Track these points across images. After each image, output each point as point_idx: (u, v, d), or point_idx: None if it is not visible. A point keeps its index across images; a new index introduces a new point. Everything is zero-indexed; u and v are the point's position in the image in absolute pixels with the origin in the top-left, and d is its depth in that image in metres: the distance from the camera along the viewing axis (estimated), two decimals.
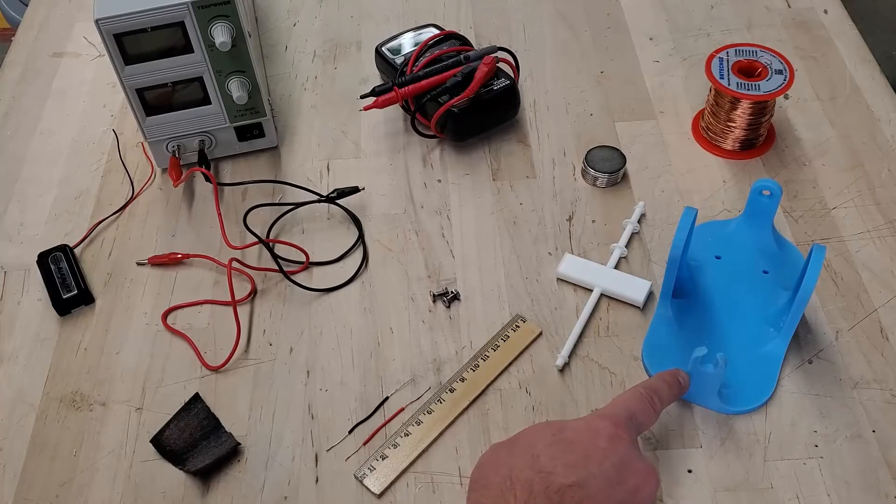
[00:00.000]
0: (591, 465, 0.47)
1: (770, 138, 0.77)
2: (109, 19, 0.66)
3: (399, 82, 0.77)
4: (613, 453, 0.48)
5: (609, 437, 0.48)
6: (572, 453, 0.47)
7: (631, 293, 0.65)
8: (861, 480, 0.55)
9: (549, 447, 0.48)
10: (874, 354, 0.61)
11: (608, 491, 0.46)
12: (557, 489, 0.45)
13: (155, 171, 0.78)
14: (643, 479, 0.48)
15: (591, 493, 0.46)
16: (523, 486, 0.46)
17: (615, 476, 0.47)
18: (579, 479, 0.46)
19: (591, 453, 0.47)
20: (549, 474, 0.46)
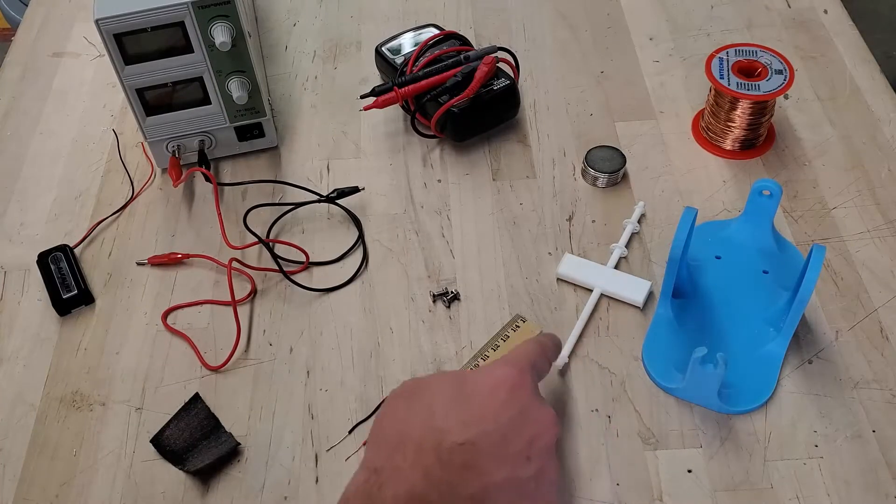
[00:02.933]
0: (487, 422, 0.47)
1: (770, 138, 0.77)
2: (109, 19, 0.66)
3: (399, 82, 0.77)
4: (513, 405, 0.48)
5: (511, 387, 0.49)
6: (469, 409, 0.47)
7: (631, 293, 0.65)
8: (861, 480, 0.55)
9: (447, 403, 0.48)
10: (874, 354, 0.61)
11: (502, 446, 0.46)
12: (448, 447, 0.45)
13: (155, 171, 0.78)
14: (542, 429, 0.48)
15: (482, 451, 0.46)
16: (415, 443, 0.46)
17: (511, 430, 0.47)
18: (471, 437, 0.46)
19: (488, 408, 0.48)
20: (441, 432, 0.46)
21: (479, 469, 0.46)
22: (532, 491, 0.47)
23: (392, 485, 0.44)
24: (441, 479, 0.45)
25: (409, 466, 0.45)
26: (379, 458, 0.47)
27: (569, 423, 0.59)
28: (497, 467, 0.46)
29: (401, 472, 0.45)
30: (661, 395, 0.60)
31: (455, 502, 0.45)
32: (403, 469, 0.45)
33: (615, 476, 0.56)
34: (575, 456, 0.57)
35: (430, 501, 0.44)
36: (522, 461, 0.47)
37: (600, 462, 0.57)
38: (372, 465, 0.46)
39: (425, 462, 0.45)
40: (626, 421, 0.59)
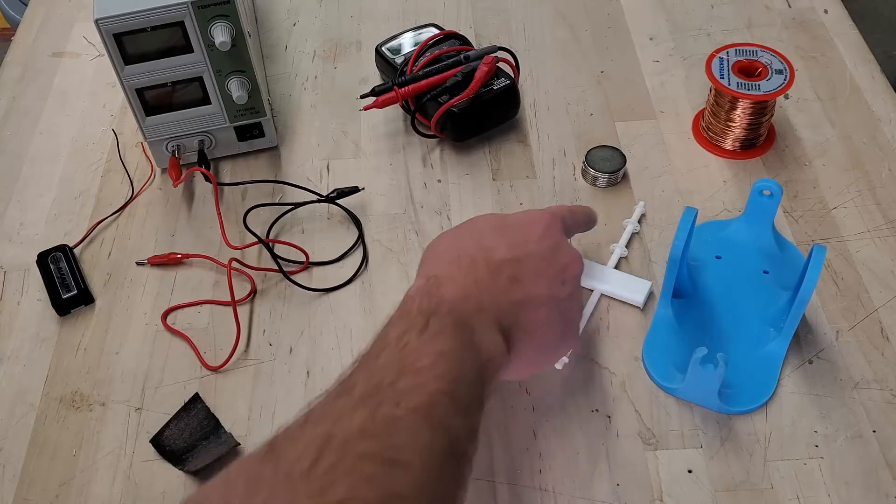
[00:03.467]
0: (529, 245, 0.54)
1: (770, 138, 0.77)
2: (109, 19, 0.66)
3: (399, 82, 0.77)
4: (548, 238, 0.55)
5: (546, 225, 0.55)
6: (512, 236, 0.54)
7: (631, 293, 0.65)
8: (861, 481, 0.55)
9: (492, 230, 0.54)
10: (874, 354, 0.61)
11: (541, 266, 0.53)
12: (497, 261, 0.52)
13: (155, 171, 0.78)
14: (571, 260, 0.55)
15: (526, 267, 0.52)
16: (468, 257, 0.52)
17: (548, 255, 0.54)
18: (517, 255, 0.53)
19: (529, 236, 0.54)
20: (490, 249, 0.52)
21: (523, 282, 0.52)
22: (566, 310, 0.54)
23: (448, 285, 0.49)
24: (490, 285, 0.51)
25: (462, 274, 0.51)
26: (435, 267, 0.52)
27: (569, 423, 0.59)
28: (538, 282, 0.52)
29: (455, 278, 0.50)
30: (661, 395, 0.60)
31: (502, 305, 0.50)
32: (457, 276, 0.50)
33: (615, 476, 0.56)
34: (575, 456, 0.57)
35: (480, 301, 0.49)
36: (558, 283, 0.54)
37: (600, 462, 0.57)
38: (430, 273, 0.51)
39: (477, 271, 0.51)
40: (627, 421, 0.59)
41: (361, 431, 0.39)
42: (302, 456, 0.38)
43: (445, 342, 0.45)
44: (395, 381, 0.42)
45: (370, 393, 0.41)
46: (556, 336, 0.54)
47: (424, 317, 0.46)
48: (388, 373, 0.42)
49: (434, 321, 0.46)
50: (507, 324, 0.50)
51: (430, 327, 0.46)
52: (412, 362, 0.43)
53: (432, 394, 0.42)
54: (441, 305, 0.48)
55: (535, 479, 0.56)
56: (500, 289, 0.51)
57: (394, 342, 0.45)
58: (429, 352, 0.44)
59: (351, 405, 0.41)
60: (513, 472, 0.57)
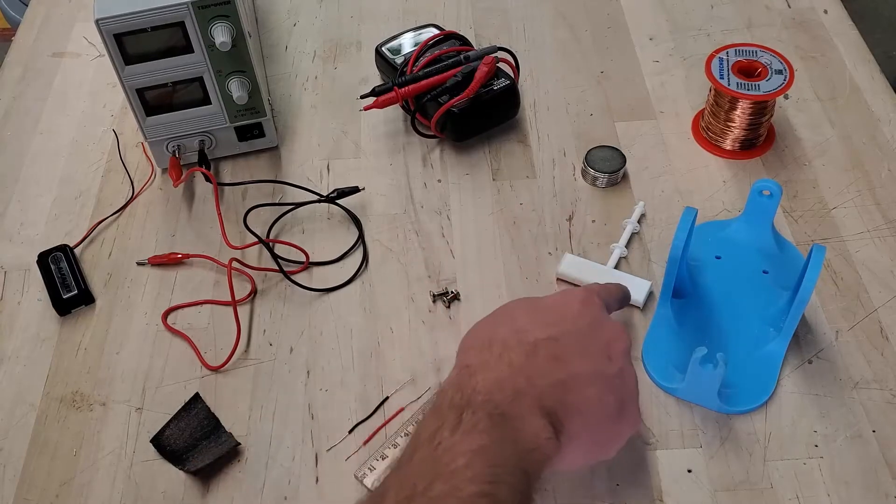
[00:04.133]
0: (566, 323, 0.51)
1: (770, 138, 0.77)
2: (109, 19, 0.66)
3: (399, 82, 0.77)
4: (587, 314, 0.52)
5: (582, 301, 0.53)
6: (548, 316, 0.51)
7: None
8: (861, 480, 0.55)
9: (526, 313, 0.52)
10: (874, 354, 0.61)
11: (582, 342, 0.50)
12: (533, 342, 0.49)
13: (155, 171, 0.78)
14: (616, 335, 0.52)
15: (566, 346, 0.49)
16: (501, 342, 0.49)
17: (588, 332, 0.51)
18: (553, 334, 0.50)
19: (566, 314, 0.52)
20: (525, 332, 0.50)
21: (564, 360, 0.48)
22: (618, 387, 0.50)
23: (481, 374, 0.47)
24: (527, 367, 0.47)
25: (495, 360, 0.48)
26: (468, 357, 0.50)
27: None
28: (582, 360, 0.49)
29: (488, 365, 0.48)
30: (661, 394, 0.60)
31: (542, 387, 0.47)
32: (490, 362, 0.48)
33: (615, 476, 0.56)
34: None
35: (516, 386, 0.46)
36: (604, 359, 0.50)
37: (600, 462, 0.57)
38: (463, 363, 0.49)
39: (511, 355, 0.48)
40: None
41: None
42: None
43: (480, 438, 0.42)
44: (429, 488, 0.40)
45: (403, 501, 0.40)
46: (611, 416, 0.50)
47: (457, 411, 0.44)
48: (422, 478, 0.40)
49: (467, 415, 0.43)
50: (551, 406, 0.46)
51: (464, 423, 0.43)
52: (446, 464, 0.41)
53: (471, 497, 0.40)
54: (474, 396, 0.45)
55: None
56: (539, 370, 0.47)
57: (426, 442, 0.43)
58: (463, 450, 0.41)
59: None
60: None
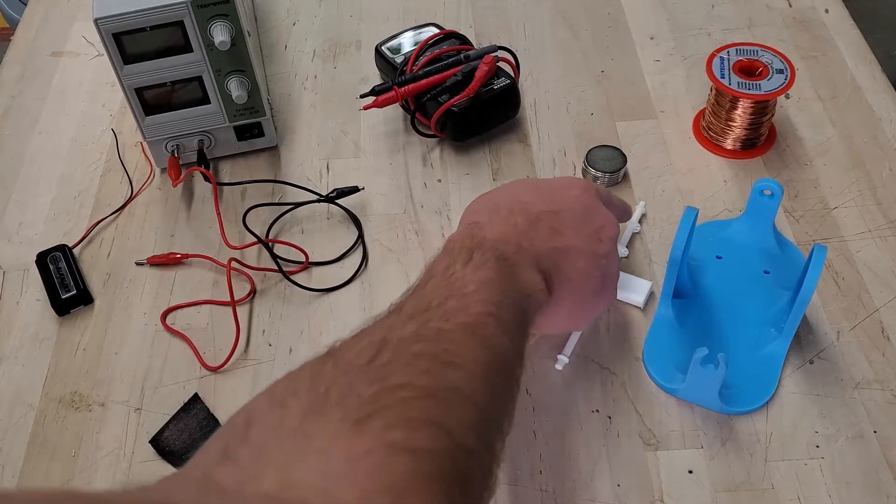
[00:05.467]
0: (565, 202, 0.55)
1: (771, 138, 0.77)
2: (108, 19, 0.66)
3: (399, 81, 0.77)
4: (584, 199, 0.56)
5: (581, 188, 0.57)
6: (549, 194, 0.55)
7: (632, 294, 0.65)
8: (862, 481, 0.55)
9: (529, 189, 0.56)
10: (875, 355, 0.61)
11: (578, 222, 0.54)
12: (536, 213, 0.53)
13: (154, 171, 0.78)
14: (606, 221, 0.56)
15: (564, 220, 0.54)
16: (507, 208, 0.53)
17: (584, 214, 0.55)
18: (554, 209, 0.54)
19: (565, 196, 0.56)
20: (528, 203, 0.54)
21: (562, 232, 0.53)
22: (604, 266, 0.55)
23: (488, 229, 0.51)
24: (529, 231, 0.52)
25: (502, 220, 0.52)
26: (476, 216, 0.53)
27: (569, 423, 0.59)
28: (577, 236, 0.54)
29: (495, 223, 0.52)
30: (661, 395, 0.60)
31: (541, 251, 0.51)
32: (497, 221, 0.52)
33: (616, 477, 0.56)
34: (575, 456, 0.57)
35: (519, 244, 0.51)
36: (596, 240, 0.55)
37: (601, 462, 0.57)
38: (471, 221, 0.53)
39: (517, 219, 0.52)
40: (627, 421, 0.59)
41: (414, 337, 0.41)
42: (360, 355, 0.40)
43: (488, 272, 0.47)
44: (443, 303, 0.44)
45: (420, 311, 0.43)
46: (595, 288, 0.55)
47: (468, 252, 0.48)
48: (436, 297, 0.45)
49: (477, 255, 0.48)
50: (546, 267, 0.51)
51: (474, 259, 0.48)
52: (458, 288, 0.45)
53: (478, 314, 0.44)
54: (483, 242, 0.49)
55: (536, 480, 0.56)
56: (540, 236, 0.52)
57: (440, 273, 0.47)
58: (474, 279, 0.46)
59: (402, 320, 0.43)
60: (513, 472, 0.57)
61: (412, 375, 0.39)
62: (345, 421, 0.35)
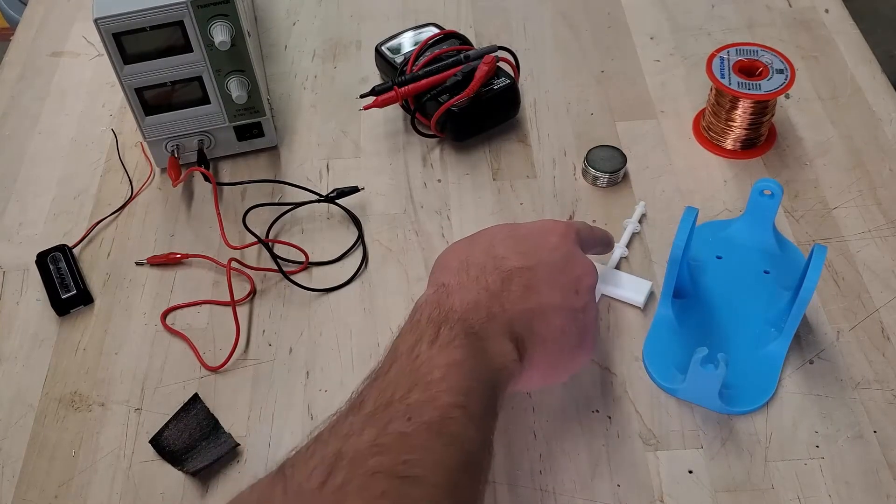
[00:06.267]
0: (541, 255, 0.53)
1: (771, 138, 0.77)
2: (108, 18, 0.66)
3: (399, 81, 0.77)
4: (562, 247, 0.54)
5: (560, 234, 0.55)
6: (524, 245, 0.53)
7: (632, 294, 0.65)
8: (862, 481, 0.55)
9: (504, 240, 0.54)
10: (875, 355, 0.61)
11: (554, 275, 0.52)
12: (508, 270, 0.51)
13: (154, 171, 0.78)
14: (584, 271, 0.54)
15: (539, 276, 0.51)
16: (478, 266, 0.51)
17: (561, 265, 0.53)
18: (528, 264, 0.52)
19: (542, 245, 0.54)
20: (502, 259, 0.52)
21: (537, 290, 0.51)
22: (581, 321, 0.53)
23: (458, 294, 0.49)
24: (501, 294, 0.50)
25: (472, 282, 0.50)
26: (445, 276, 0.51)
27: (569, 423, 0.59)
28: (552, 292, 0.52)
29: (465, 287, 0.50)
30: (661, 395, 0.60)
31: (513, 314, 0.49)
32: (467, 284, 0.50)
33: (616, 477, 0.56)
34: (575, 457, 0.57)
35: (490, 309, 0.49)
36: (572, 293, 0.53)
37: (601, 463, 0.57)
38: (439, 282, 0.51)
39: (488, 279, 0.50)
40: (627, 421, 0.59)
41: (372, 448, 0.39)
42: (312, 475, 0.37)
43: (456, 353, 0.45)
44: (406, 395, 0.42)
45: (380, 409, 0.41)
46: (571, 346, 0.53)
47: (435, 326, 0.46)
48: (400, 387, 0.42)
49: (444, 330, 0.46)
50: (519, 332, 0.49)
51: (441, 337, 0.45)
52: (423, 375, 0.43)
53: (444, 407, 0.42)
54: (451, 314, 0.47)
55: (536, 480, 0.56)
56: (512, 297, 0.50)
57: (405, 354, 0.45)
58: (440, 364, 0.44)
59: (360, 423, 0.40)
60: (513, 472, 0.57)
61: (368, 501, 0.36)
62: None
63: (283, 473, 0.39)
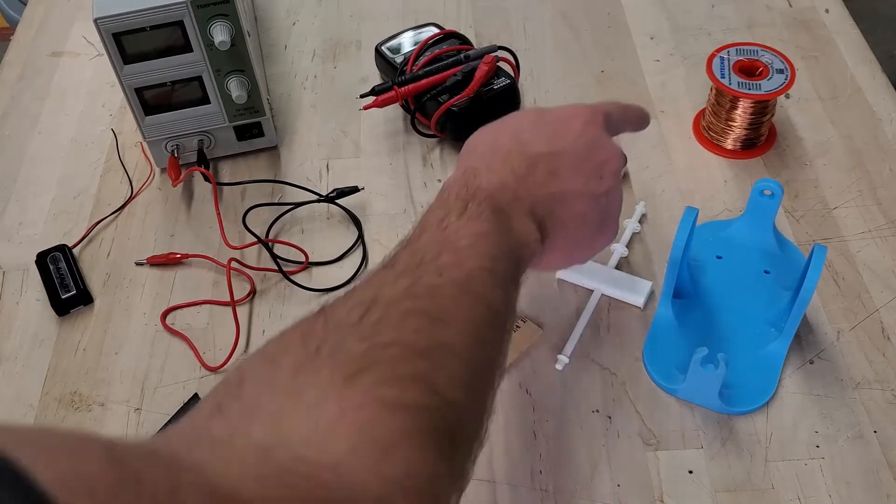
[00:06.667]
0: (566, 141, 0.54)
1: (771, 138, 0.76)
2: (108, 18, 0.66)
3: (399, 81, 0.77)
4: (586, 134, 0.54)
5: (585, 120, 0.55)
6: (550, 131, 0.54)
7: (632, 294, 0.65)
8: (862, 481, 0.55)
9: (531, 126, 0.55)
10: (875, 355, 0.61)
11: (579, 162, 0.53)
12: (534, 154, 0.52)
13: (154, 171, 0.78)
14: (611, 155, 0.55)
15: (563, 162, 0.53)
16: (505, 151, 0.52)
17: (585, 152, 0.54)
18: (553, 150, 0.53)
19: (567, 132, 0.54)
20: (528, 144, 0.53)
21: (560, 175, 0.52)
22: (603, 206, 0.55)
23: (485, 175, 0.50)
24: (526, 177, 0.51)
25: (499, 166, 0.51)
26: (472, 160, 0.53)
27: (569, 424, 0.59)
28: (575, 178, 0.53)
29: (492, 169, 0.51)
30: (661, 395, 0.60)
31: (537, 196, 0.51)
32: (495, 167, 0.51)
33: (616, 477, 0.56)
34: (575, 457, 0.57)
35: (516, 191, 0.50)
36: (596, 179, 0.54)
37: (601, 463, 0.57)
38: (467, 165, 0.52)
39: (514, 163, 0.52)
40: (627, 421, 0.59)
41: (405, 294, 0.41)
42: (350, 312, 0.40)
43: (483, 225, 0.47)
44: (437, 257, 0.44)
45: (412, 267, 0.43)
46: (592, 231, 0.55)
47: (463, 202, 0.48)
48: (429, 251, 0.45)
49: (472, 206, 0.48)
50: (541, 215, 0.52)
51: (468, 212, 0.48)
52: (452, 242, 0.45)
53: (472, 270, 0.44)
54: (479, 192, 0.49)
55: (536, 480, 0.56)
56: (537, 181, 0.52)
57: (434, 225, 0.47)
58: (468, 233, 0.46)
59: (394, 276, 0.43)
60: (513, 472, 0.56)
61: (402, 333, 0.39)
62: (335, 377, 0.36)
63: (323, 312, 0.41)
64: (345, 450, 0.33)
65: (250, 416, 0.35)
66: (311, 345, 0.38)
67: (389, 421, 0.35)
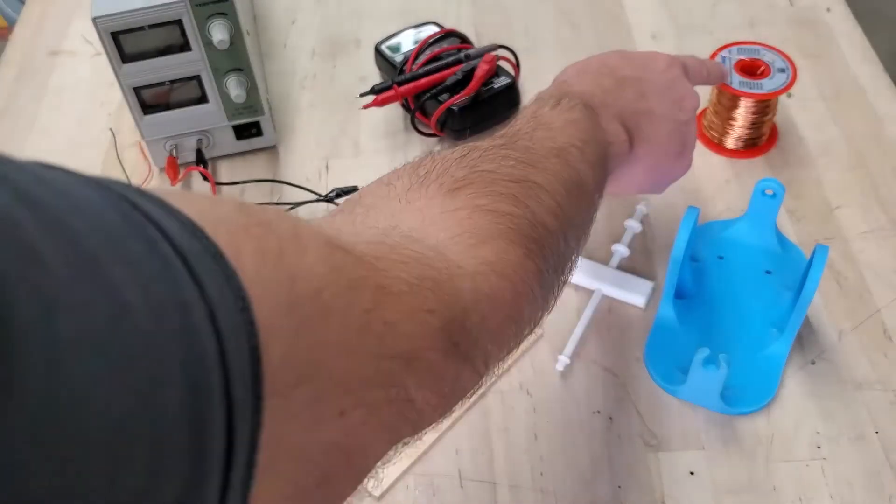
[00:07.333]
0: (652, 71, 0.57)
1: (773, 137, 0.76)
2: (107, 17, 0.65)
3: (399, 80, 0.76)
4: (668, 73, 0.58)
5: (667, 63, 0.59)
6: (637, 62, 0.58)
7: (633, 294, 0.64)
8: (864, 482, 0.55)
9: (618, 58, 0.58)
10: (877, 355, 0.61)
11: (662, 90, 0.57)
12: (622, 76, 0.56)
13: (152, 171, 0.78)
14: (688, 94, 0.59)
15: (649, 87, 0.56)
16: (595, 71, 0.56)
17: (668, 85, 0.58)
18: (641, 75, 0.56)
19: (653, 66, 0.58)
20: (616, 68, 0.57)
21: (647, 97, 0.56)
22: (684, 132, 0.58)
23: (577, 85, 0.54)
24: (616, 92, 0.55)
25: (590, 79, 0.55)
26: (564, 76, 0.57)
27: (570, 425, 0.59)
28: (661, 102, 0.57)
29: (584, 81, 0.55)
30: (663, 396, 0.60)
31: (625, 110, 0.55)
32: (586, 80, 0.55)
33: (617, 478, 0.56)
34: (576, 458, 0.57)
35: (605, 100, 0.54)
36: (677, 108, 0.57)
37: (602, 464, 0.56)
38: (560, 79, 0.57)
39: (604, 81, 0.55)
40: (628, 422, 0.58)
41: (503, 146, 0.46)
42: (454, 152, 0.45)
43: (576, 114, 0.51)
44: (531, 132, 0.48)
45: (508, 136, 0.48)
46: (674, 153, 0.58)
47: (556, 99, 0.51)
48: (524, 128, 0.48)
49: (565, 101, 0.51)
50: (629, 127, 0.54)
51: (562, 105, 0.51)
52: (546, 123, 0.49)
53: (563, 144, 0.48)
54: (571, 93, 0.53)
55: (536, 481, 0.56)
56: (625, 98, 0.55)
57: (529, 115, 0.50)
58: (560, 120, 0.50)
59: (491, 140, 0.47)
60: (513, 473, 0.56)
61: (499, 166, 0.44)
62: (440, 190, 0.42)
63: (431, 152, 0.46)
64: (445, 237, 0.39)
65: (369, 215, 0.41)
66: (420, 171, 0.44)
67: (485, 220, 0.41)
